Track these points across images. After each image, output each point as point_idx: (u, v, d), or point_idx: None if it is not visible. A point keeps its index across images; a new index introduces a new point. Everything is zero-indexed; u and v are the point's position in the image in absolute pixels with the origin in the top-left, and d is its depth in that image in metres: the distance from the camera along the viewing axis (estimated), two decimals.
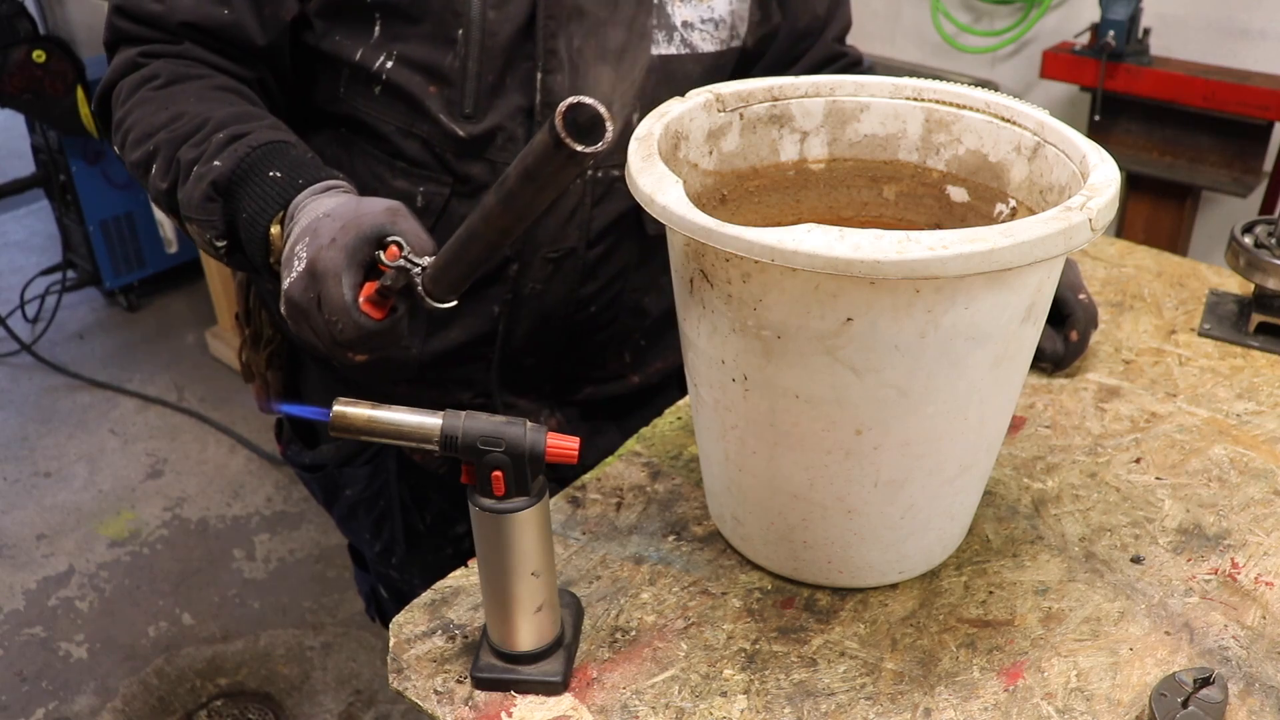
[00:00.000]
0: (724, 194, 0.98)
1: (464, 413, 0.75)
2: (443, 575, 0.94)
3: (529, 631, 0.81)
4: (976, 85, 0.98)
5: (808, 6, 1.25)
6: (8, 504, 2.80)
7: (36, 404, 3.19)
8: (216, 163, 0.92)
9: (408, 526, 1.33)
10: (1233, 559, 0.94)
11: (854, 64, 1.33)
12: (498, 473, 0.75)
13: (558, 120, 0.64)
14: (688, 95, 0.94)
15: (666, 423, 1.14)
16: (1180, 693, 0.77)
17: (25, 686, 2.27)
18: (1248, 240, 1.23)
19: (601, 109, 0.66)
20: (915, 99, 0.97)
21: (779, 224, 0.97)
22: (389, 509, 1.33)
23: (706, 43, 1.14)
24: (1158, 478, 1.04)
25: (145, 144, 0.98)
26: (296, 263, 0.83)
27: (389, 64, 1.05)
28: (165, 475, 2.90)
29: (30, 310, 3.50)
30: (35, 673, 2.31)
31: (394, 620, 0.89)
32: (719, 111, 0.95)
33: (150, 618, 2.44)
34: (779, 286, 0.73)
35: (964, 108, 0.95)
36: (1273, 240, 1.23)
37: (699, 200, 0.94)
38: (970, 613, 0.89)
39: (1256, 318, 1.24)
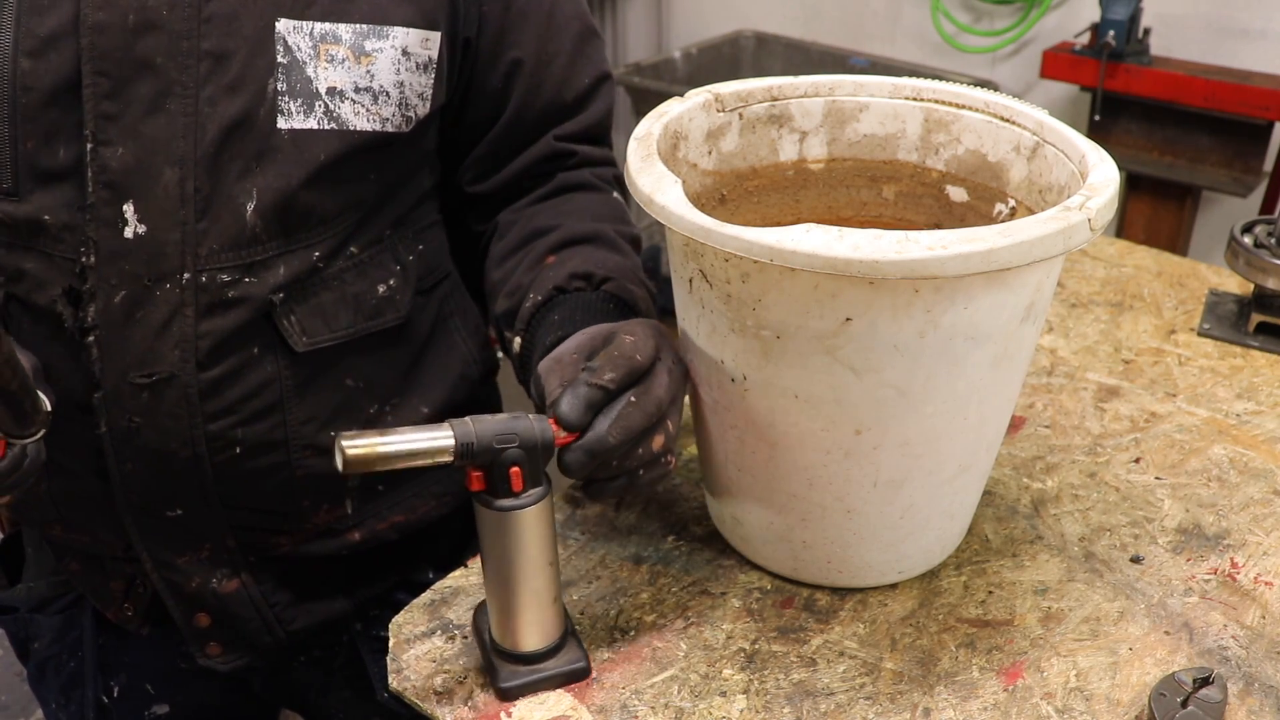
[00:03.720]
0: (723, 194, 0.98)
1: (469, 418, 0.74)
2: None
3: (552, 623, 0.82)
4: (976, 85, 0.98)
5: (545, 96, 1.01)
6: None
7: None
8: None
9: (98, 698, 1.10)
10: (1232, 559, 0.94)
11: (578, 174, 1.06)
12: (515, 469, 0.74)
13: None
14: (687, 95, 0.94)
15: None
16: (1180, 692, 0.77)
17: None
18: (1247, 240, 1.23)
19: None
20: (915, 99, 0.97)
21: (778, 224, 0.97)
22: (79, 672, 1.10)
23: (360, 118, 0.90)
24: (1157, 477, 1.04)
25: None
26: None
27: None
28: None
29: None
30: None
31: (394, 620, 0.90)
32: (718, 111, 0.95)
33: None
34: (778, 286, 0.73)
35: (963, 108, 0.95)
36: (1273, 240, 1.23)
37: (698, 200, 0.94)
38: (970, 612, 0.89)
39: (1256, 318, 1.24)
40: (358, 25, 0.88)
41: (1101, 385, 1.17)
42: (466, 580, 0.94)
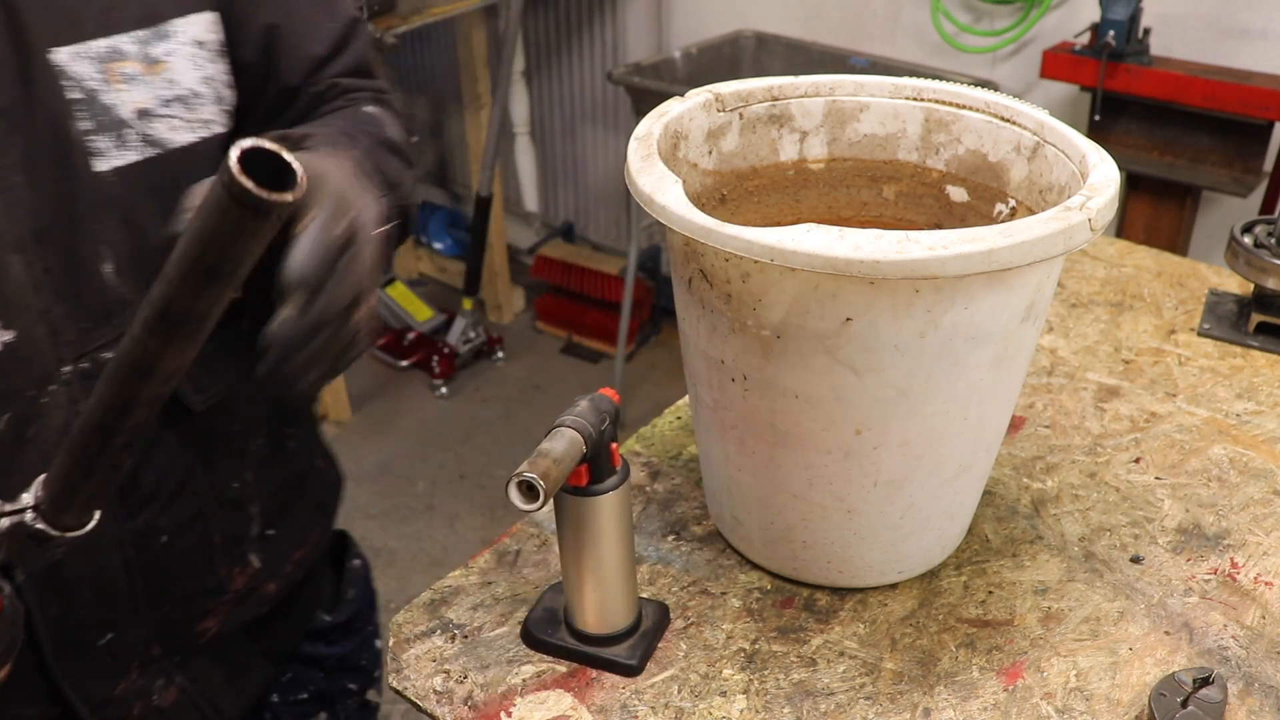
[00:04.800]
0: (723, 194, 0.98)
1: (565, 415, 0.75)
2: None
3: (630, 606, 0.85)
4: (976, 85, 0.98)
5: (300, 53, 0.91)
6: None
7: None
8: None
9: None
10: (1232, 559, 0.94)
11: (355, 97, 0.96)
12: (614, 444, 0.78)
13: (235, 166, 0.49)
14: (687, 95, 0.94)
15: (666, 423, 1.14)
16: (1180, 692, 0.77)
17: None
18: (1247, 240, 1.23)
19: (285, 154, 0.52)
20: (915, 99, 0.97)
21: (779, 224, 0.97)
22: None
23: (180, 132, 0.81)
24: (1157, 477, 1.04)
25: None
26: None
27: None
28: None
29: None
30: None
31: (394, 619, 0.90)
32: (718, 111, 0.95)
33: None
34: (778, 286, 0.73)
35: (964, 108, 0.95)
36: (1273, 240, 1.23)
37: (698, 200, 0.94)
38: (970, 612, 0.89)
39: (1256, 317, 1.24)
40: (137, 32, 0.79)
41: (1101, 385, 1.17)
42: (466, 580, 0.94)
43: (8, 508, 0.64)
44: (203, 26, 0.83)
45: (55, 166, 0.76)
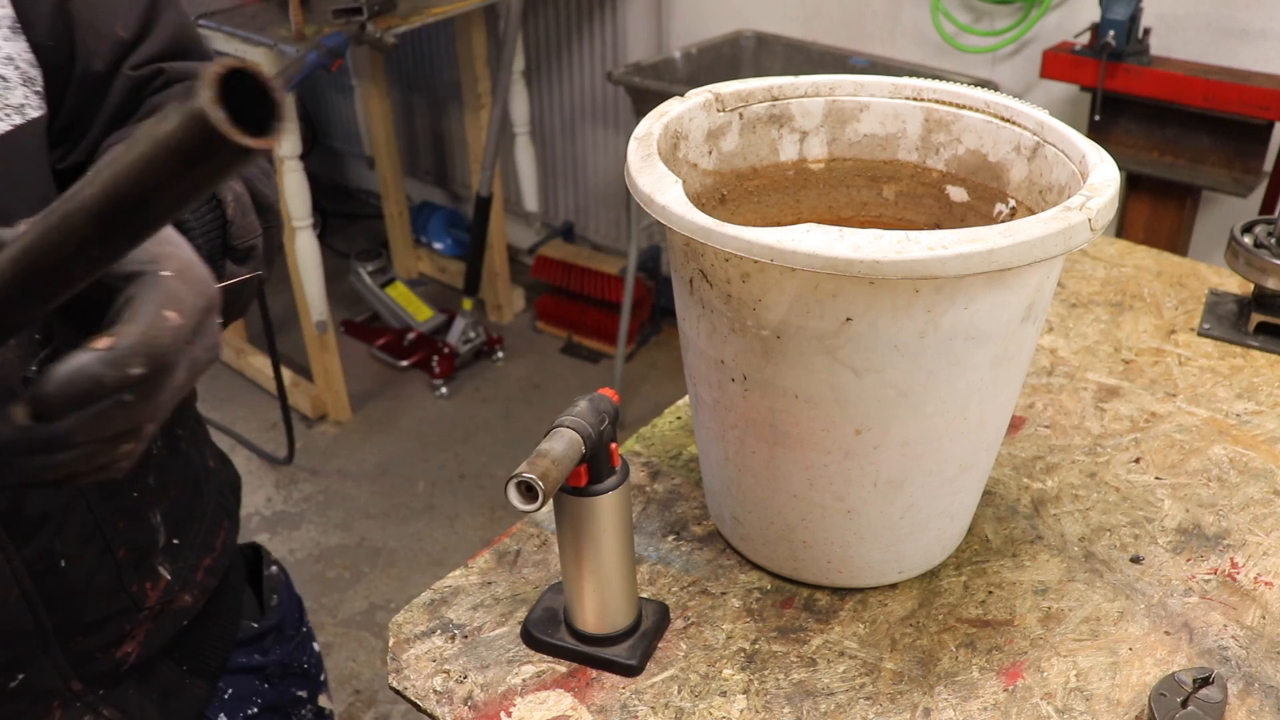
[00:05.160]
0: (723, 194, 0.98)
1: (564, 416, 0.75)
2: None
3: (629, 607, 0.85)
4: (976, 85, 0.98)
5: (101, 33, 0.81)
6: None
7: None
8: None
9: None
10: (1232, 559, 0.94)
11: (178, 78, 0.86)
12: (614, 444, 0.77)
13: (210, 92, 0.38)
14: (687, 95, 0.94)
15: (666, 423, 1.14)
16: (1180, 693, 0.77)
17: None
18: (1248, 240, 1.23)
19: (274, 88, 0.40)
20: (915, 99, 0.97)
21: (778, 224, 0.97)
22: None
23: None
24: (1157, 477, 1.04)
25: None
26: None
27: None
28: None
29: None
30: None
31: (393, 619, 0.90)
32: (718, 111, 0.95)
33: None
34: (778, 286, 0.73)
35: (964, 107, 0.95)
36: (1273, 240, 1.23)
37: (698, 200, 0.94)
38: (970, 613, 0.89)
39: (1256, 317, 1.24)
40: None
41: (1101, 385, 1.17)
42: (466, 580, 0.94)
43: None
44: None
45: None
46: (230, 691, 1.05)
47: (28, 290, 0.47)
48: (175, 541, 0.92)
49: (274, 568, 1.15)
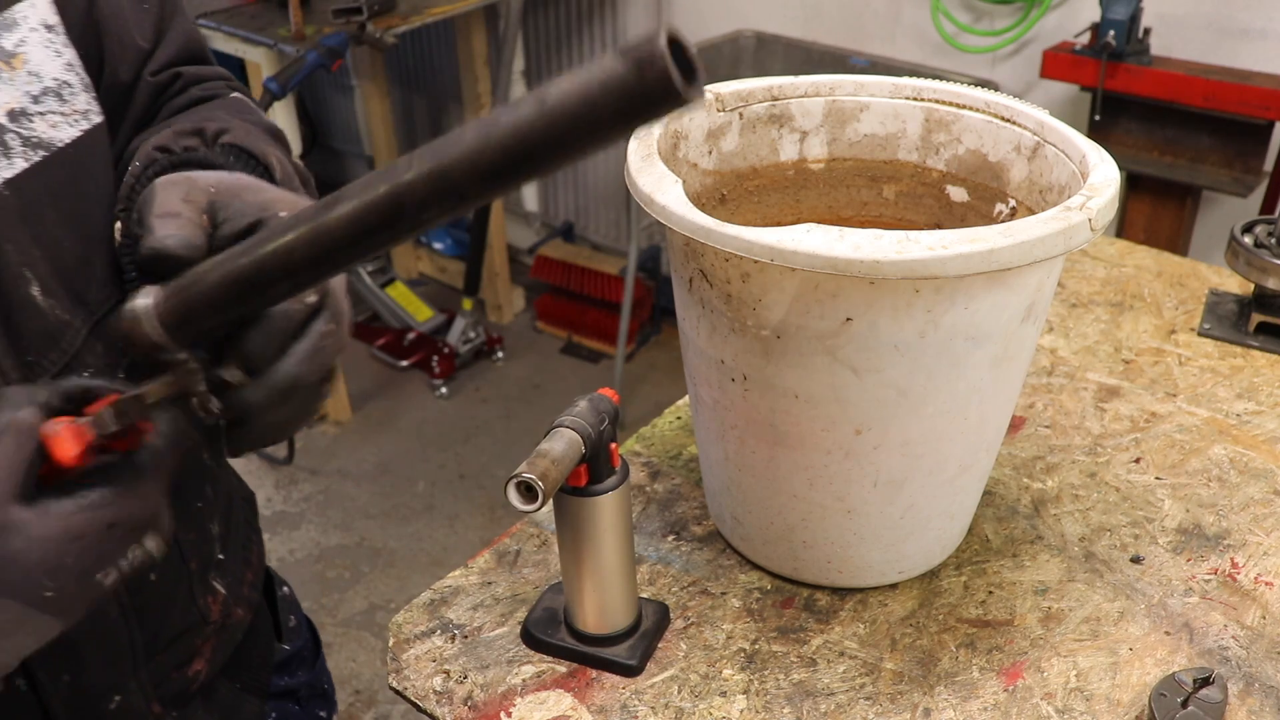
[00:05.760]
0: (723, 194, 0.98)
1: (564, 416, 0.75)
2: None
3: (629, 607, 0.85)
4: (976, 85, 0.98)
5: (125, 42, 0.81)
6: None
7: None
8: None
9: None
10: (1232, 559, 0.94)
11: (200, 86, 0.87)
12: (613, 444, 0.77)
13: (663, 44, 0.40)
14: None
15: (666, 423, 1.14)
16: (1180, 693, 0.77)
17: None
18: (1248, 240, 1.23)
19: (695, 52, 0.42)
20: (915, 99, 0.97)
21: (779, 224, 0.97)
22: None
23: (61, 129, 0.73)
24: (1157, 477, 1.04)
25: None
26: None
27: None
28: None
29: None
30: None
31: (394, 619, 0.90)
32: (718, 111, 0.95)
33: None
34: (779, 286, 0.73)
35: (964, 107, 0.95)
36: (1273, 240, 1.23)
37: (698, 200, 0.94)
38: (970, 613, 0.89)
39: (1256, 317, 1.24)
40: None
41: (1101, 385, 1.17)
42: (466, 580, 0.94)
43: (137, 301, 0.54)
44: (46, 8, 0.74)
45: None
46: (274, 716, 1.05)
47: (452, 196, 0.46)
48: (221, 556, 0.92)
49: (285, 588, 1.14)
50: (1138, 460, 1.06)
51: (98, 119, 0.76)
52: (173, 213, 0.58)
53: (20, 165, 0.70)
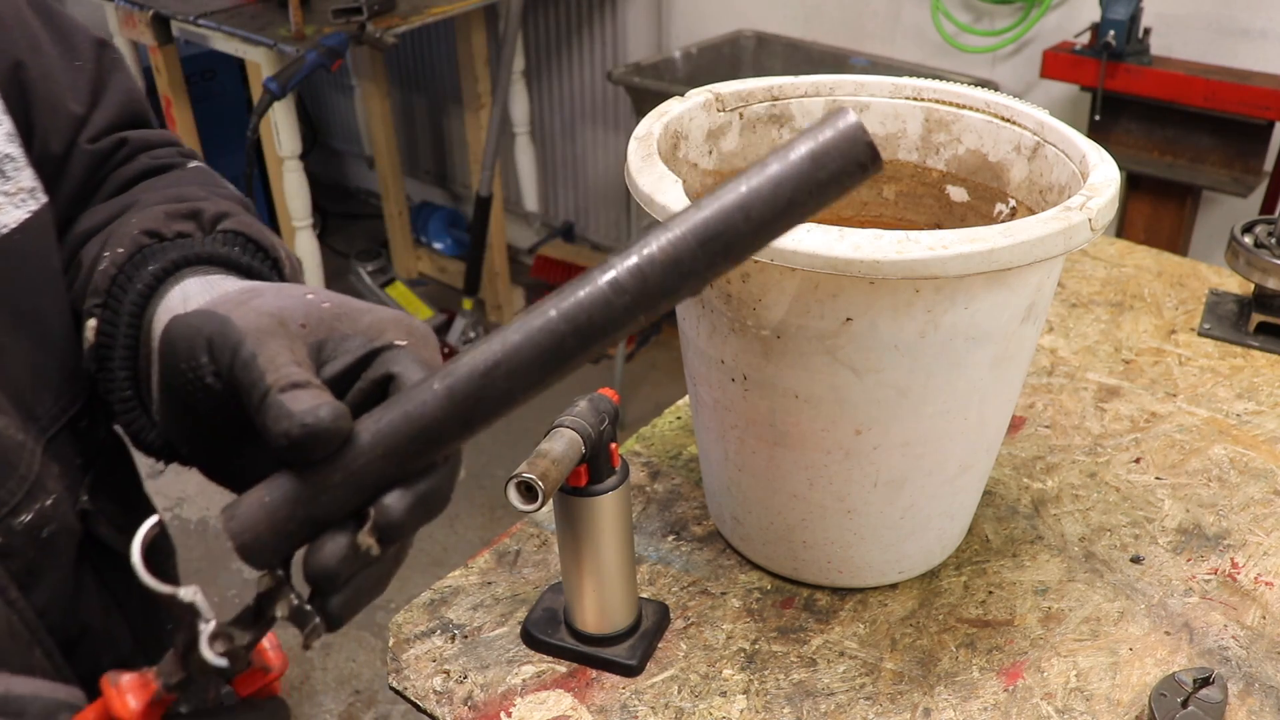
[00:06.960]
0: None
1: (564, 415, 0.75)
2: None
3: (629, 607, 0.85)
4: (976, 85, 0.98)
5: (58, 108, 0.72)
6: None
7: None
8: None
9: None
10: (1232, 559, 0.94)
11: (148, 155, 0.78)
12: (613, 444, 0.77)
13: (851, 126, 0.45)
14: (687, 95, 0.94)
15: (666, 423, 1.14)
16: (1180, 693, 0.77)
17: None
18: (1248, 240, 1.23)
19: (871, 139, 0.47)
20: (915, 99, 0.97)
21: None
22: None
23: (7, 210, 0.64)
24: (1157, 478, 1.04)
25: None
26: None
27: None
28: (165, 475, 2.89)
29: None
30: None
31: (393, 619, 0.90)
32: (719, 111, 0.95)
33: None
34: (778, 286, 0.73)
35: (964, 107, 0.95)
36: (1273, 240, 1.23)
37: None
38: (970, 613, 0.89)
39: (1256, 317, 1.24)
40: None
41: (1102, 385, 1.17)
42: (466, 580, 0.94)
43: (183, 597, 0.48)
44: None
45: None
46: None
47: (723, 257, 0.47)
48: None
49: None
50: (1138, 460, 1.06)
51: (44, 198, 0.67)
52: (299, 382, 0.49)
53: None
